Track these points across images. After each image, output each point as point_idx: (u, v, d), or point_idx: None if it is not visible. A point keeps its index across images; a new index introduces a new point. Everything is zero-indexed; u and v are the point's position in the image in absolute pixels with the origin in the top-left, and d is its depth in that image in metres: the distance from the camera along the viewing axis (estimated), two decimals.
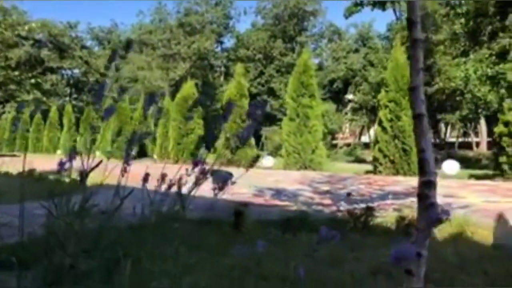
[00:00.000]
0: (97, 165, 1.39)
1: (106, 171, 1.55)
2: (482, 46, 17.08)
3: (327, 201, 5.89)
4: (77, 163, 1.45)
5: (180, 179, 1.39)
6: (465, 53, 17.60)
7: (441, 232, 3.99)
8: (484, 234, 3.87)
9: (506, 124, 8.72)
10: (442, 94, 20.50)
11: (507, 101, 8.82)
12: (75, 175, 1.57)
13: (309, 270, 3.10)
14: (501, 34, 16.16)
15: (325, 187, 7.60)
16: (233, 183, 1.59)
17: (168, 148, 14.90)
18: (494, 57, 16.13)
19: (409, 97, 2.20)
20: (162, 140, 15.98)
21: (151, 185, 1.79)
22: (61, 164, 1.31)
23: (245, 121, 14.26)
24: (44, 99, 31.19)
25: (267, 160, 13.52)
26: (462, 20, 17.15)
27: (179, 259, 1.22)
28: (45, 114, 26.62)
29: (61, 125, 25.18)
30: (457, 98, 20.03)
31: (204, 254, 3.34)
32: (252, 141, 14.05)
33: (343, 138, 38.88)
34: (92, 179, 1.49)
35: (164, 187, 1.37)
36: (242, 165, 14.85)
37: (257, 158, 1.51)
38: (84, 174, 1.43)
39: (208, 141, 1.56)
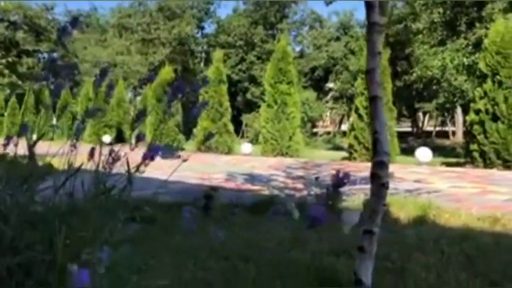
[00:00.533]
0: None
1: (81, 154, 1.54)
2: (459, 36, 17.35)
3: (300, 186, 5.97)
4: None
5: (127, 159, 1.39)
6: (442, 43, 17.85)
7: (404, 215, 4.10)
8: (446, 217, 3.99)
9: (477, 112, 8.92)
10: (420, 83, 20.79)
11: (478, 89, 9.00)
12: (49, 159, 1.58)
13: (272, 252, 3.17)
14: (477, 25, 16.42)
15: (299, 173, 7.68)
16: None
17: (146, 133, 14.81)
18: (470, 47, 16.40)
19: (365, 80, 2.26)
20: (140, 128, 15.85)
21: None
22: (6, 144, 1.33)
23: (226, 108, 14.25)
24: (20, 82, 30.52)
25: (245, 147, 13.55)
26: (440, 9, 17.36)
27: (123, 232, 1.24)
28: (20, 98, 26.10)
29: (37, 109, 24.74)
30: (434, 87, 20.34)
31: (168, 234, 3.38)
32: (231, 127, 14.04)
33: (324, 127, 39.11)
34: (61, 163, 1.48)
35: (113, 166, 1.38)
36: (220, 151, 14.78)
37: (212, 135, 1.53)
38: (32, 153, 1.44)
39: (185, 128, 1.55)
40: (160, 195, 4.79)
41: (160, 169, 1.82)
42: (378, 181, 2.06)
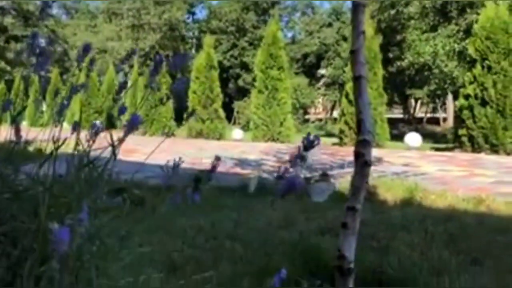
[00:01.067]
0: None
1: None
2: (451, 22, 17.37)
3: (290, 170, 6.01)
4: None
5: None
6: (434, 28, 17.87)
7: (391, 197, 4.16)
8: (432, 198, 4.06)
9: (466, 97, 8.99)
10: (412, 69, 20.80)
11: (467, 74, 9.06)
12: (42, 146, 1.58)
13: (261, 231, 3.21)
14: (468, 10, 16.45)
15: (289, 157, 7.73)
16: None
17: None
18: (461, 33, 16.45)
19: (350, 60, 2.28)
20: (130, 111, 15.73)
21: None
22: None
23: (217, 94, 14.19)
24: (8, 68, 30.14)
25: (236, 133, 13.56)
26: None
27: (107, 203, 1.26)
28: (9, 85, 25.78)
29: (27, 95, 24.46)
30: (426, 74, 20.38)
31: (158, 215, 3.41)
32: (222, 113, 14.02)
33: (316, 113, 39.13)
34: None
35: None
36: (211, 137, 14.78)
37: (193, 111, 1.53)
38: (19, 134, 1.46)
39: (177, 116, 1.54)
40: (150, 179, 4.81)
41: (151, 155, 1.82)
42: (362, 159, 2.09)
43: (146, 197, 3.76)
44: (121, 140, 1.32)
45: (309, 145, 1.16)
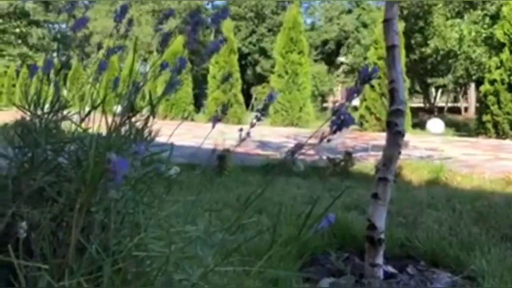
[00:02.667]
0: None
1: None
2: (476, 7, 16.95)
3: (311, 152, 6.00)
4: None
5: None
6: (459, 14, 17.46)
7: (417, 178, 4.12)
8: (458, 179, 4.01)
9: (492, 82, 8.80)
10: (436, 56, 20.32)
11: (494, 59, 8.85)
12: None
13: (286, 206, 3.22)
14: None
15: (310, 141, 7.70)
16: None
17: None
18: (488, 19, 16.05)
19: (383, 29, 2.25)
20: (150, 96, 15.84)
21: None
22: None
23: (236, 78, 14.17)
24: (30, 53, 30.56)
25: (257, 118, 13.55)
26: None
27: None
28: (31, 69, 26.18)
29: (48, 80, 24.82)
30: (450, 61, 19.93)
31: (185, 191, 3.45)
32: (241, 98, 14.02)
33: (334, 101, 38.81)
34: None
35: None
36: (231, 122, 14.84)
37: (226, 106, 1.52)
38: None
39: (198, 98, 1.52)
40: (175, 157, 4.87)
41: (173, 136, 1.82)
42: (394, 128, 2.07)
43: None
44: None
45: (341, 123, 1.00)
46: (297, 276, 1.94)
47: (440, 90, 36.05)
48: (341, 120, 0.88)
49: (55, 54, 1.87)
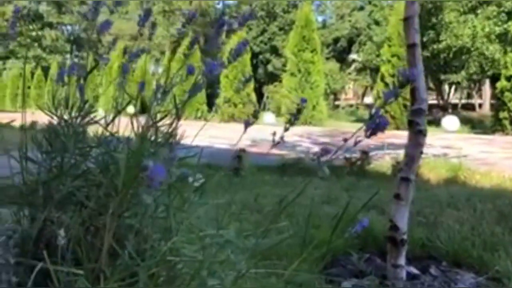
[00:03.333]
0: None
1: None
2: (490, 3, 16.71)
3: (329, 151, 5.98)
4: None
5: None
6: (472, 10, 17.23)
7: (435, 176, 4.08)
8: (477, 178, 3.96)
9: (508, 78, 8.68)
10: (448, 53, 20.08)
11: (510, 55, 8.73)
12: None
13: (305, 206, 3.21)
14: None
15: (325, 139, 7.68)
16: None
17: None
18: (503, 14, 15.82)
19: (403, 28, 2.22)
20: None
21: None
22: None
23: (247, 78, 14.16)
24: (44, 55, 30.92)
25: (268, 117, 13.55)
26: None
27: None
28: (46, 71, 26.49)
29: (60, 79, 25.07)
30: (463, 57, 19.69)
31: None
32: (254, 97, 14.02)
33: (346, 99, 38.61)
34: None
35: None
36: (243, 121, 14.86)
37: (257, 110, 1.50)
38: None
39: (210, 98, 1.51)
40: (194, 158, 4.89)
41: (189, 137, 1.83)
42: (416, 127, 2.06)
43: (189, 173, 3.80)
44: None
45: (376, 127, 0.95)
46: (319, 277, 1.94)
47: (453, 87, 35.67)
48: (376, 124, 0.87)
49: (68, 56, 1.87)
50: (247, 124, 1.17)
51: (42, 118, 1.65)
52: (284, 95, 12.49)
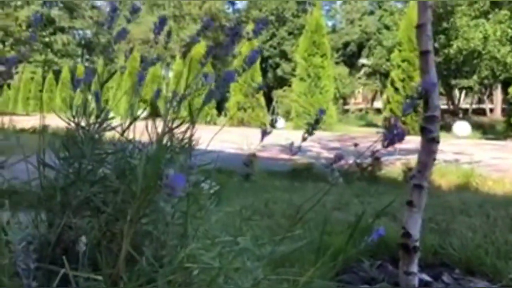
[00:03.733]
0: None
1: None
2: (502, 7, 16.60)
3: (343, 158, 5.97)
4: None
5: None
6: (484, 15, 17.12)
7: (446, 182, 4.06)
8: (489, 184, 3.93)
9: None
10: (459, 57, 19.92)
11: None
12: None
13: (315, 212, 3.21)
14: None
15: (335, 145, 7.66)
16: None
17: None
18: None
19: (416, 35, 2.22)
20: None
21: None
22: None
23: (258, 82, 14.21)
24: (56, 59, 31.24)
25: (277, 122, 13.56)
26: None
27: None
28: (57, 75, 26.76)
29: (73, 85, 25.32)
30: (474, 61, 19.53)
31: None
32: (263, 102, 14.04)
33: (356, 104, 38.50)
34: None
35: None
36: (253, 125, 14.83)
37: (275, 119, 1.51)
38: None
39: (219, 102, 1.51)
40: (204, 163, 4.91)
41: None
42: (429, 134, 2.05)
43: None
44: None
45: (394, 137, 0.93)
46: (333, 285, 1.93)
47: (464, 92, 35.39)
48: (394, 135, 0.87)
49: (79, 60, 1.89)
50: (264, 134, 1.18)
51: (54, 121, 1.68)
52: (294, 100, 12.48)
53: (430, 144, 2.06)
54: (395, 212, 3.10)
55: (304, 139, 1.13)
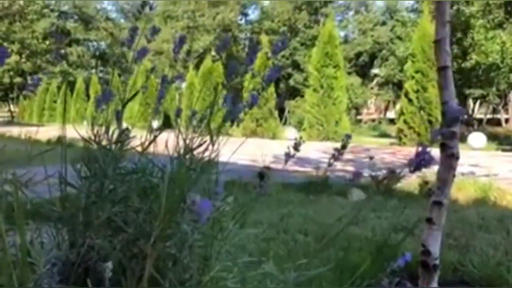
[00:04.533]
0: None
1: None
2: None
3: (350, 168, 5.93)
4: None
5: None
6: (499, 26, 16.98)
7: (463, 196, 4.00)
8: (508, 199, 3.86)
9: None
10: (478, 70, 19.72)
11: None
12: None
13: (332, 226, 3.18)
14: None
15: (349, 156, 7.61)
16: None
17: None
18: None
19: (434, 50, 2.21)
20: (186, 112, 16.12)
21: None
22: None
23: (271, 93, 14.22)
24: (71, 70, 31.69)
25: (290, 133, 13.54)
26: None
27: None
28: (71, 86, 27.12)
29: (88, 96, 25.66)
30: (492, 74, 19.31)
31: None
32: (275, 113, 14.05)
33: (368, 114, 38.33)
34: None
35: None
36: (266, 136, 14.83)
37: (299, 142, 1.52)
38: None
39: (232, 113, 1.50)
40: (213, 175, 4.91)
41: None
42: (448, 151, 2.02)
43: None
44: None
45: (420, 162, 0.90)
46: None
47: (478, 101, 34.99)
48: (421, 160, 0.86)
49: (93, 71, 1.91)
50: (288, 157, 1.17)
51: (70, 132, 1.69)
52: (307, 111, 12.46)
53: (449, 160, 2.03)
54: (411, 226, 3.06)
55: (329, 165, 1.12)
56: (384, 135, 20.46)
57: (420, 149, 0.87)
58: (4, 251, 0.90)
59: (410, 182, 4.45)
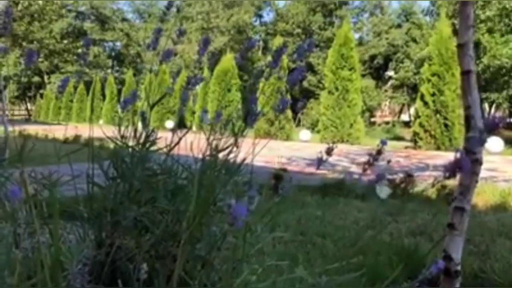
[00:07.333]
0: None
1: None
2: None
3: (367, 171, 5.90)
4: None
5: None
6: None
7: (482, 201, 3.95)
8: None
9: None
10: (488, 73, 19.54)
11: None
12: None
13: (349, 230, 3.17)
14: None
15: (363, 159, 7.58)
16: None
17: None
18: None
19: (457, 54, 2.19)
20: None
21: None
22: None
23: (282, 94, 14.18)
24: (87, 70, 32.05)
25: (304, 134, 13.51)
26: None
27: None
28: (88, 85, 27.43)
29: (103, 95, 25.90)
30: (503, 79, 19.09)
31: None
32: (289, 114, 14.03)
33: (382, 116, 38.07)
34: None
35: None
36: (279, 138, 14.83)
37: (332, 148, 1.51)
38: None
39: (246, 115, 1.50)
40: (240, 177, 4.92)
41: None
42: (472, 156, 2.00)
43: None
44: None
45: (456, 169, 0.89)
46: None
47: (493, 106, 34.51)
48: (456, 166, 0.85)
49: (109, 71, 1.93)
50: (320, 163, 1.17)
51: (85, 130, 1.70)
52: (321, 113, 12.41)
53: (473, 165, 2.01)
54: (429, 231, 3.03)
55: (364, 170, 1.12)
56: (398, 138, 20.27)
57: (458, 154, 0.86)
58: (39, 250, 0.92)
59: (426, 185, 4.41)
